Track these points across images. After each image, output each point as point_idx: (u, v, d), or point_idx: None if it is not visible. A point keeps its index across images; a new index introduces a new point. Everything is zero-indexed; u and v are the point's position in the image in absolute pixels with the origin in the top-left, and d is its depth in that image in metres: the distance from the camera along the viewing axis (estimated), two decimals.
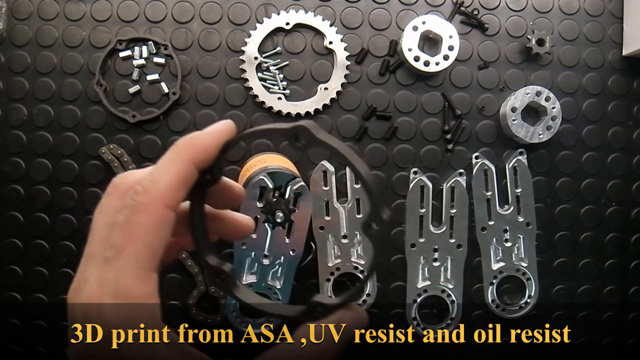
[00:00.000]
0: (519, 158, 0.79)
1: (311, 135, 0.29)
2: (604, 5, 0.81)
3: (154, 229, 0.28)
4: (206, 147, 0.30)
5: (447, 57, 0.76)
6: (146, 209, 0.28)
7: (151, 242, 0.28)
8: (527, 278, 0.79)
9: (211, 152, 0.30)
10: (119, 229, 0.28)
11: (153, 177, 0.29)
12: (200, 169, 0.30)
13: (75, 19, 0.77)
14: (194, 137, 0.30)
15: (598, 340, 0.82)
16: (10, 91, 0.77)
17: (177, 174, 0.29)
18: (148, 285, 0.28)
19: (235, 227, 0.35)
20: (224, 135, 0.31)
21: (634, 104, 0.82)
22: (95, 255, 0.28)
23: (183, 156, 0.29)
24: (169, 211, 0.28)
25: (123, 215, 0.28)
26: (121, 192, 0.30)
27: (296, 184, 0.67)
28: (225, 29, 0.78)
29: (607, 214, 0.82)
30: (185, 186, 0.29)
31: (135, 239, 0.27)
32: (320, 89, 0.78)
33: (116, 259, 0.27)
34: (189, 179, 0.29)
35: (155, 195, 0.28)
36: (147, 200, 0.28)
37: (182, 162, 0.29)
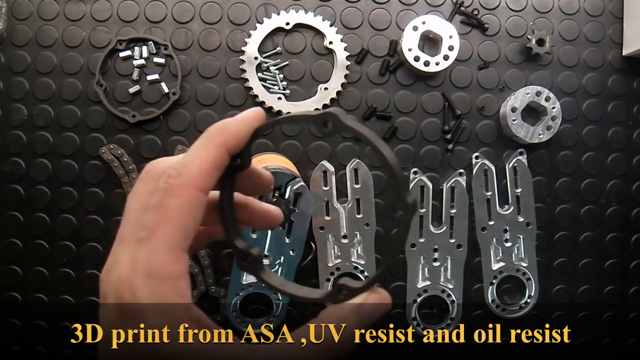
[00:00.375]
0: (519, 158, 0.79)
1: (339, 121, 0.30)
2: (604, 5, 0.81)
3: (186, 211, 0.28)
4: (237, 133, 0.31)
5: (447, 57, 0.76)
6: (179, 191, 0.28)
7: (183, 223, 0.28)
8: (527, 278, 0.79)
9: (242, 138, 0.31)
10: (152, 210, 0.28)
11: (186, 162, 0.29)
12: (230, 154, 0.31)
13: (75, 19, 0.77)
14: (225, 123, 0.31)
15: (598, 340, 0.82)
16: (10, 91, 0.77)
17: (209, 159, 0.30)
18: (179, 265, 0.28)
19: (264, 216, 0.36)
20: (254, 121, 0.32)
21: (634, 104, 0.82)
22: (127, 236, 0.29)
23: (215, 141, 0.30)
24: (201, 194, 0.29)
25: (156, 197, 0.29)
26: (153, 177, 0.30)
27: (296, 184, 0.67)
28: (225, 29, 0.78)
29: (607, 214, 0.82)
30: (217, 170, 0.30)
31: (168, 219, 0.28)
32: (320, 89, 0.78)
33: (149, 239, 0.28)
34: (221, 164, 0.30)
35: (187, 178, 0.29)
36: (180, 182, 0.29)
37: (214, 147, 0.30)
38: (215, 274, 0.77)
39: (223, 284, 0.77)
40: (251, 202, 0.35)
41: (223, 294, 0.76)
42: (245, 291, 0.73)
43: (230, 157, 0.31)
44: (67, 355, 0.77)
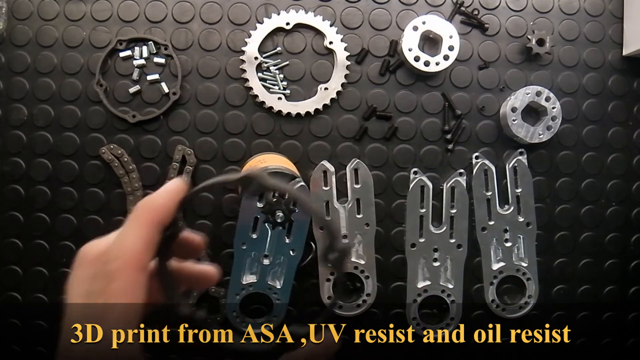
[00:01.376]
0: (519, 158, 0.79)
1: (262, 182, 0.31)
2: (604, 5, 0.81)
3: (130, 293, 0.30)
4: (164, 208, 0.32)
5: (447, 57, 0.76)
6: (119, 275, 0.30)
7: (129, 305, 0.30)
8: (527, 278, 0.79)
9: (169, 211, 0.32)
10: (97, 297, 0.30)
11: (121, 244, 0.31)
12: (161, 228, 0.32)
13: (75, 19, 0.77)
14: (151, 199, 0.32)
15: (598, 340, 0.82)
16: (10, 91, 0.77)
17: (142, 238, 0.31)
18: (132, 346, 0.29)
19: (201, 277, 0.37)
20: (178, 194, 0.33)
21: (634, 104, 0.82)
22: (72, 331, 0.30)
23: (144, 219, 0.31)
24: (141, 273, 0.30)
25: (98, 284, 0.30)
26: (89, 262, 0.31)
27: (296, 184, 0.67)
28: (226, 29, 0.78)
29: (607, 214, 0.82)
30: (151, 247, 0.31)
31: (113, 306, 0.29)
32: (321, 89, 0.78)
33: (103, 321, 0.29)
34: (153, 240, 0.32)
35: (124, 261, 0.30)
36: (119, 266, 0.30)
37: (145, 225, 0.31)
38: None
39: (223, 284, 0.77)
40: (187, 267, 0.37)
41: (223, 294, 0.76)
42: (245, 291, 0.73)
43: (161, 231, 0.32)
44: None
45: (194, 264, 0.37)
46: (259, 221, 0.69)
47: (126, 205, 0.76)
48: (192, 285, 0.38)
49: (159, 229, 0.32)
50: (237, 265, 0.72)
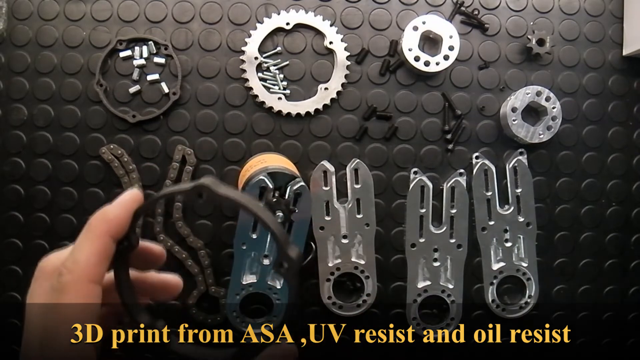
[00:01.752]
0: (519, 158, 0.79)
1: (211, 191, 0.31)
2: (604, 5, 0.81)
3: (82, 307, 0.30)
4: (118, 220, 0.32)
5: (448, 57, 0.76)
6: (72, 288, 0.30)
7: (82, 319, 0.30)
8: (527, 278, 0.79)
9: (123, 222, 0.32)
10: (50, 312, 0.30)
11: (74, 257, 0.31)
12: (116, 239, 0.32)
13: (75, 19, 0.77)
14: (104, 212, 0.32)
15: (598, 340, 0.82)
16: (10, 91, 0.77)
17: (95, 250, 0.31)
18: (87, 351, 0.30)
19: (162, 287, 0.37)
20: (132, 204, 0.33)
21: (634, 104, 0.82)
22: (32, 342, 0.30)
23: (97, 232, 0.31)
24: (93, 285, 0.30)
25: (52, 297, 0.30)
26: (47, 274, 0.31)
27: (296, 184, 0.67)
28: (226, 29, 0.78)
29: (607, 214, 0.82)
30: (105, 259, 0.31)
31: (66, 319, 0.29)
32: (321, 89, 0.78)
33: (53, 340, 0.29)
34: (108, 252, 0.32)
35: (78, 274, 0.30)
36: (71, 279, 0.30)
37: (98, 238, 0.31)
38: (215, 274, 0.77)
39: (223, 284, 0.77)
40: (148, 277, 0.37)
41: (223, 294, 0.76)
42: (245, 291, 0.73)
43: (116, 242, 0.32)
44: None
45: (156, 273, 0.37)
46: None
47: None
48: (154, 295, 0.37)
49: (114, 240, 0.32)
50: (237, 265, 0.72)
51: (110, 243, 0.32)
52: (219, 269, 0.77)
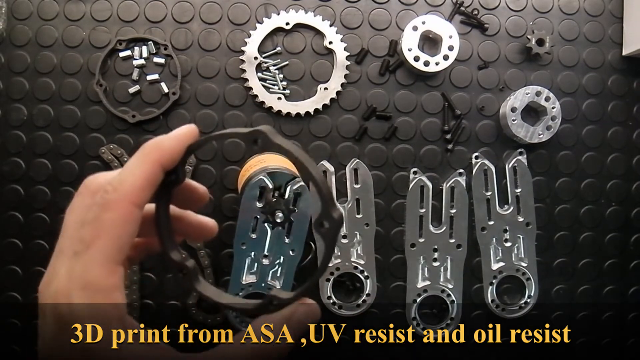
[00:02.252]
0: (519, 158, 0.79)
1: (268, 139, 0.31)
2: (604, 5, 0.81)
3: (121, 225, 0.30)
4: (171, 150, 0.32)
5: (447, 57, 0.76)
6: (114, 205, 0.30)
7: (118, 237, 0.30)
8: (527, 278, 0.79)
9: (176, 154, 0.32)
10: (88, 224, 0.30)
11: (121, 177, 0.31)
12: (165, 170, 0.32)
13: (75, 19, 0.77)
14: (160, 140, 0.32)
15: (598, 340, 0.82)
16: (10, 91, 0.77)
17: (143, 174, 0.31)
18: (114, 278, 0.30)
19: (199, 228, 0.37)
20: (187, 139, 0.33)
21: (634, 104, 0.82)
22: (65, 250, 0.30)
23: (150, 158, 0.31)
24: (135, 208, 0.30)
25: (92, 212, 0.30)
26: (91, 191, 0.31)
27: (296, 184, 0.67)
28: (225, 29, 0.78)
29: (607, 214, 0.82)
30: (151, 186, 0.31)
31: (103, 233, 0.29)
32: (320, 89, 0.78)
33: (85, 252, 0.29)
34: (155, 179, 0.31)
35: (123, 193, 0.30)
36: (115, 198, 0.30)
37: (149, 164, 0.31)
38: (215, 274, 0.77)
39: (223, 284, 0.77)
40: (187, 215, 0.37)
41: None
42: (245, 291, 0.73)
43: (165, 173, 0.32)
44: None
45: (194, 214, 0.37)
46: (259, 221, 0.69)
47: None
48: (189, 235, 0.37)
49: (163, 170, 0.32)
50: (237, 265, 0.72)
51: (159, 172, 0.32)
52: (219, 269, 0.77)
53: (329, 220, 0.31)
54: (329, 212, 0.31)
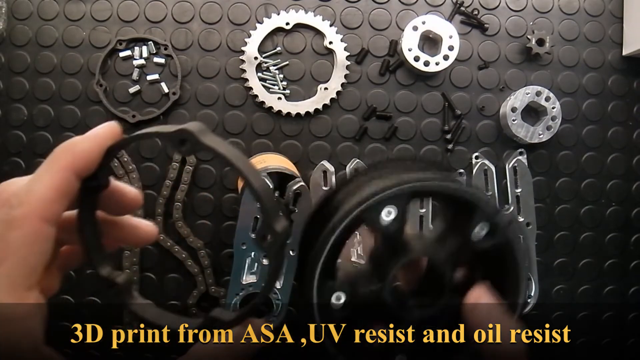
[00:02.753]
0: (519, 158, 0.79)
1: (196, 139, 0.26)
2: (604, 5, 0.81)
3: (28, 245, 0.26)
4: (85, 153, 0.28)
5: (447, 57, 0.76)
6: (20, 223, 0.26)
7: (25, 259, 0.26)
8: (527, 278, 0.79)
9: (92, 157, 0.28)
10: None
11: (28, 188, 0.27)
12: (81, 176, 0.28)
13: (75, 19, 0.77)
14: (72, 142, 0.29)
15: (598, 340, 0.82)
16: (10, 91, 0.77)
17: (53, 185, 0.27)
18: (26, 304, 0.26)
19: (135, 233, 0.33)
20: (105, 139, 0.29)
21: (634, 104, 0.82)
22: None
23: (60, 164, 0.28)
24: (45, 225, 0.27)
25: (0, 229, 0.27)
26: (1, 201, 0.28)
27: (296, 184, 0.67)
28: (225, 29, 0.78)
29: (607, 214, 0.82)
30: (63, 196, 0.27)
31: (9, 255, 0.26)
32: (320, 89, 0.78)
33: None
34: (68, 188, 0.28)
35: (29, 208, 0.26)
36: (21, 213, 0.26)
37: (59, 171, 0.27)
38: (215, 274, 0.77)
39: (223, 284, 0.77)
40: (119, 220, 0.32)
41: (223, 294, 0.76)
42: (245, 291, 0.73)
43: (82, 179, 0.28)
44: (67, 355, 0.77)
45: (128, 217, 0.33)
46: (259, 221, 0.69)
47: None
48: (125, 241, 0.33)
49: (77, 177, 0.28)
50: (237, 265, 0.72)
51: (73, 179, 0.28)
52: (219, 269, 0.77)
53: (271, 233, 0.27)
54: (271, 224, 0.27)
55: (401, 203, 0.32)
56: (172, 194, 0.76)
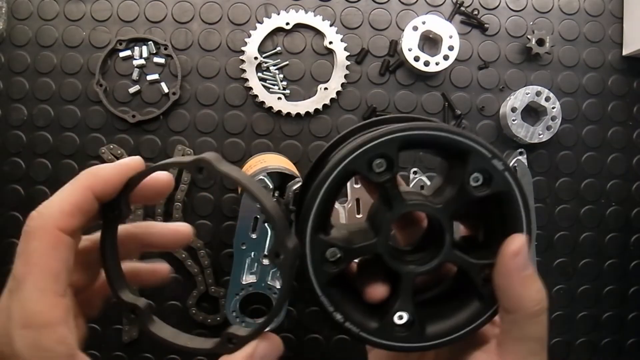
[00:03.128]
0: (519, 158, 0.79)
1: (212, 167, 0.29)
2: (604, 5, 0.81)
3: (50, 252, 0.28)
4: (106, 178, 0.30)
5: (447, 57, 0.76)
6: (39, 233, 0.28)
7: (49, 266, 0.28)
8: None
9: (112, 183, 0.30)
10: (18, 258, 0.28)
11: (48, 203, 0.29)
12: (100, 199, 0.30)
13: (75, 19, 0.77)
14: (96, 168, 0.31)
15: (598, 340, 0.82)
16: (10, 91, 0.77)
17: (70, 199, 0.29)
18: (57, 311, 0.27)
19: (150, 274, 0.35)
20: (127, 170, 0.31)
21: (634, 104, 0.82)
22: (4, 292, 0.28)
23: (80, 183, 0.30)
24: (62, 234, 0.28)
25: (20, 243, 0.28)
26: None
27: (296, 184, 0.67)
28: (225, 29, 0.78)
29: (607, 214, 0.82)
30: (80, 211, 0.29)
31: (32, 266, 0.27)
32: (320, 89, 0.78)
33: (19, 289, 0.27)
34: (85, 205, 0.29)
35: (46, 219, 0.28)
36: (40, 224, 0.28)
37: (78, 188, 0.29)
38: (215, 274, 0.77)
39: (223, 284, 0.77)
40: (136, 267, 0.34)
41: (223, 294, 0.76)
42: (245, 291, 0.73)
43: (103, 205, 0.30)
44: None
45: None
46: (259, 221, 0.69)
47: None
48: (139, 281, 0.35)
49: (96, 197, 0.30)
50: (237, 265, 0.72)
51: (91, 198, 0.29)
52: (218, 269, 0.77)
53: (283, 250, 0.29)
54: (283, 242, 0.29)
55: (390, 153, 0.32)
56: (172, 194, 0.76)
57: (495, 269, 0.33)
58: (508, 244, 0.32)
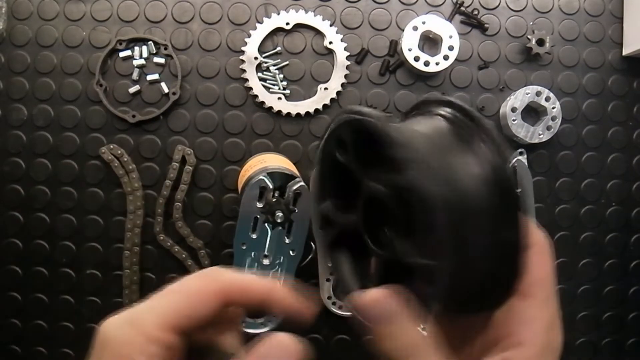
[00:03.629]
0: (519, 158, 0.79)
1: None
2: (604, 5, 0.81)
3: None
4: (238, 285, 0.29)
5: (447, 57, 0.76)
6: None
7: None
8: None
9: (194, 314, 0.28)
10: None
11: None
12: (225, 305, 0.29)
13: (75, 19, 0.77)
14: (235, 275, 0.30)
15: (598, 340, 0.82)
16: (10, 91, 0.77)
17: (176, 305, 0.29)
18: None
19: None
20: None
21: (634, 104, 0.82)
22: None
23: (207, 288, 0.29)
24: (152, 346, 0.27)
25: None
26: None
27: (296, 184, 0.67)
28: (225, 29, 0.78)
29: (607, 214, 0.82)
30: (181, 322, 0.28)
31: None
32: (320, 89, 0.78)
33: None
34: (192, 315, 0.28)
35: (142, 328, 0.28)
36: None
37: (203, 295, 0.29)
38: None
39: None
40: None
41: None
42: None
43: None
44: (67, 355, 0.77)
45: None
46: (259, 221, 0.69)
47: (126, 205, 0.76)
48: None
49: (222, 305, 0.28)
50: (237, 265, 0.72)
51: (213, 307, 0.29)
52: None
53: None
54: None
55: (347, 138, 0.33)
56: (172, 194, 0.76)
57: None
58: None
